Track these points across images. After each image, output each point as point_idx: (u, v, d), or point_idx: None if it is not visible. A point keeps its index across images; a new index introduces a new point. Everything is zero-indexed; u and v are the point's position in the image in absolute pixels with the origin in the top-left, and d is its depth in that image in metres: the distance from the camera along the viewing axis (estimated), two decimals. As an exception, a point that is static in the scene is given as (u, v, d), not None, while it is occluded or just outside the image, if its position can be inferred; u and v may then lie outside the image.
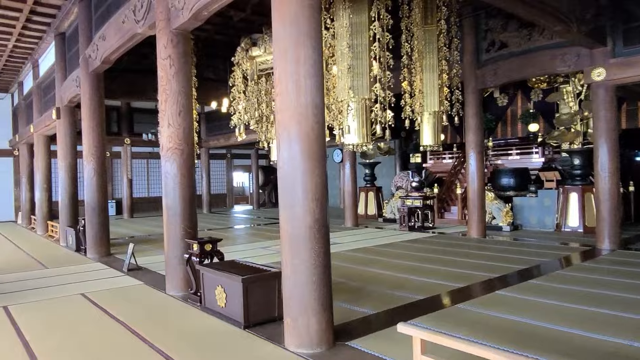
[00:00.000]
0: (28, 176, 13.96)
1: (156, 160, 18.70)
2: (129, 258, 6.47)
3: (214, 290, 4.11)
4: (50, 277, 6.18)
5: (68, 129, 9.52)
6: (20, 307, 4.67)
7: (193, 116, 5.17)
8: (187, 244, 4.83)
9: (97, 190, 7.76)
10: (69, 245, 8.94)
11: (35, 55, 11.74)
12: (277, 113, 3.33)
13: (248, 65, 8.07)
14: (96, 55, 7.27)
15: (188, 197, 5.03)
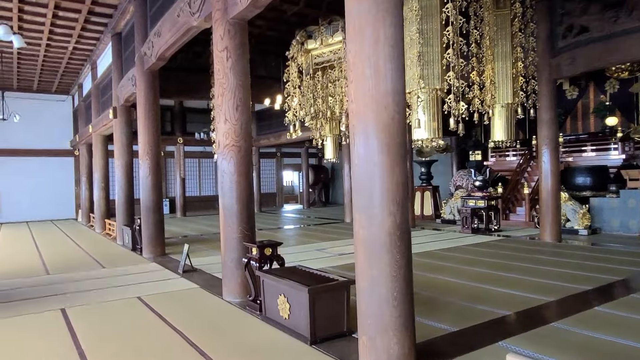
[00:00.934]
0: (87, 175, 14.36)
1: (208, 160, 18.87)
2: (184, 259, 6.29)
3: (276, 300, 3.76)
4: (107, 278, 6.08)
5: (124, 128, 9.57)
6: (77, 310, 4.53)
7: (250, 111, 4.87)
8: (246, 247, 4.52)
9: (152, 189, 7.67)
10: (126, 244, 8.97)
11: (93, 57, 11.98)
12: (350, 103, 2.91)
13: (303, 59, 7.73)
14: (151, 53, 7.16)
15: (245, 197, 4.73)
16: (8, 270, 6.77)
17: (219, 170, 4.82)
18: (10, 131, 15.44)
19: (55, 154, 16.50)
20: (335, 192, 21.95)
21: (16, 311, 4.56)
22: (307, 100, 7.55)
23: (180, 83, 10.33)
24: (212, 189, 19.24)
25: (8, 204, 15.75)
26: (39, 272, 6.57)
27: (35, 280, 6.05)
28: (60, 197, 16.54)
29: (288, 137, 16.13)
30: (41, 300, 4.95)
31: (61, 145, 16.61)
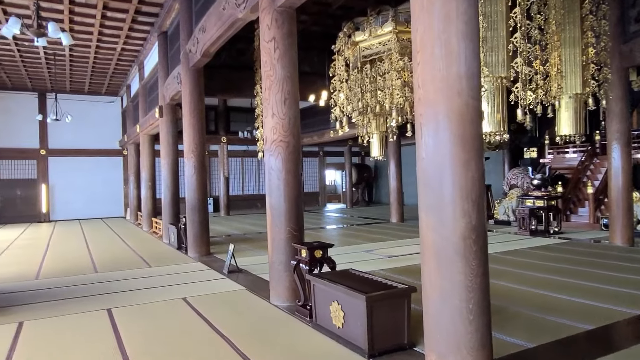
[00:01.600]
0: (135, 174, 14.64)
1: (251, 159, 18.89)
2: (229, 259, 6.12)
3: (329, 307, 3.47)
4: (153, 277, 6.00)
5: (170, 127, 9.59)
6: (123, 311, 4.41)
7: (299, 105, 4.61)
8: (294, 249, 4.26)
9: (197, 188, 7.58)
10: (171, 242, 8.96)
11: (140, 57, 12.14)
12: (417, 89, 2.57)
13: (350, 52, 7.42)
14: (196, 49, 7.05)
15: (294, 196, 4.47)
16: (59, 268, 6.84)
17: (265, 168, 4.59)
18: (63, 132, 15.99)
19: (105, 153, 16.97)
20: (379, 191, 21.49)
21: (63, 310, 4.50)
22: (354, 94, 7.22)
23: (224, 81, 10.26)
24: (254, 187, 19.27)
25: (62, 202, 16.32)
26: (87, 270, 6.60)
27: (84, 278, 6.05)
28: (110, 195, 17.00)
29: (332, 135, 15.85)
30: (88, 300, 4.89)
31: (111, 145, 17.06)
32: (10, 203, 15.82)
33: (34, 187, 16.06)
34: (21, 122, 15.68)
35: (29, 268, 6.89)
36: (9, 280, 6.01)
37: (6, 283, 5.82)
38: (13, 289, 5.49)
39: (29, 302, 4.86)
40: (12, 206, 15.83)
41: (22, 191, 15.94)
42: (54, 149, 16.21)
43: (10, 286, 5.64)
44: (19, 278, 6.18)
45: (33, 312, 4.48)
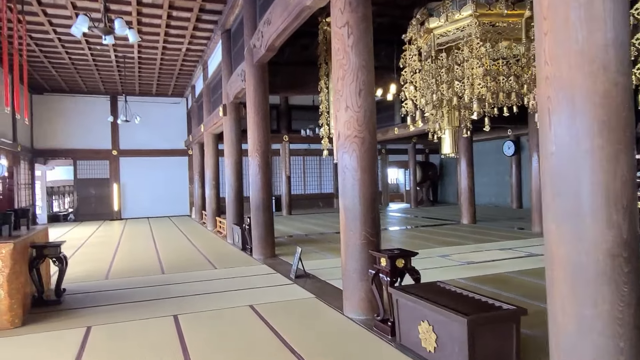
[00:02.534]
0: (200, 174, 14.84)
1: (312, 157, 18.67)
2: (296, 263, 5.79)
3: (417, 326, 3.01)
4: (218, 280, 5.80)
5: (233, 125, 9.47)
6: (189, 318, 4.18)
7: (374, 96, 4.18)
8: (372, 256, 3.83)
9: (261, 187, 7.35)
10: (236, 243, 8.83)
11: (204, 57, 12.20)
12: (543, 65, 2.05)
13: (423, 40, 6.86)
14: (260, 44, 6.80)
15: (369, 197, 4.03)
16: (128, 268, 6.85)
17: (339, 166, 4.19)
18: (133, 133, 16.57)
19: (171, 153, 17.40)
20: (445, 190, 20.54)
21: (130, 314, 4.35)
22: (428, 86, 6.66)
23: (287, 78, 10.00)
24: (316, 186, 19.03)
25: (132, 201, 16.93)
26: (155, 271, 6.53)
27: (152, 279, 5.96)
28: (176, 194, 17.42)
29: (396, 132, 15.23)
30: (155, 304, 4.73)
31: (176, 145, 17.47)
32: (86, 202, 16.62)
33: (106, 186, 16.77)
34: (95, 124, 16.41)
35: (100, 267, 6.95)
36: (81, 279, 6.04)
37: (78, 282, 5.85)
38: (84, 289, 5.48)
39: (98, 304, 4.78)
40: (87, 204, 16.62)
41: (96, 190, 16.70)
42: (125, 149, 16.84)
43: (82, 286, 5.65)
44: (90, 277, 6.22)
45: (101, 315, 4.37)
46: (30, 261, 4.65)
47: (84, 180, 16.64)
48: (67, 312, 4.51)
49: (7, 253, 4.03)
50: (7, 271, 4.02)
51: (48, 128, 15.99)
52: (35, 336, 3.84)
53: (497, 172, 17.08)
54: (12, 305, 4.05)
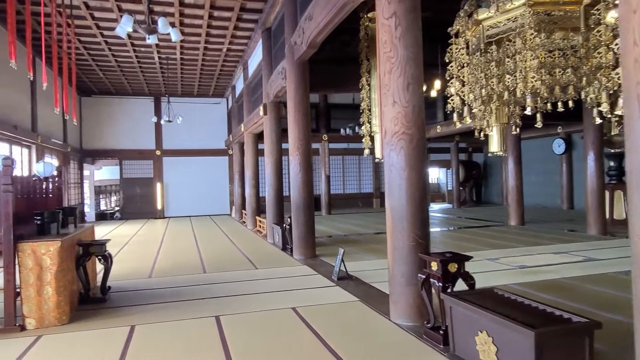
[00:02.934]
0: (240, 173, 14.95)
1: (352, 157, 18.48)
2: (338, 265, 5.63)
3: (473, 337, 2.78)
4: (260, 281, 5.72)
5: (273, 125, 9.43)
6: (231, 320, 4.10)
7: (423, 91, 3.96)
8: (421, 260, 3.61)
9: (302, 186, 7.24)
10: (276, 242, 8.77)
11: (245, 57, 12.25)
12: (630, 46, 1.79)
13: (472, 33, 6.55)
14: (302, 40, 6.68)
15: (418, 197, 3.81)
16: (171, 266, 6.90)
17: (385, 164, 3.99)
18: (175, 133, 16.92)
19: (212, 153, 17.64)
20: (489, 190, 19.85)
21: (173, 314, 4.32)
22: (476, 81, 6.34)
23: (327, 76, 9.86)
24: (355, 186, 18.82)
25: (174, 200, 17.29)
26: (196, 270, 6.54)
27: (193, 278, 5.96)
28: (216, 193, 17.66)
29: (438, 130, 14.79)
30: (197, 304, 4.69)
31: (217, 145, 17.70)
32: (131, 200, 17.10)
33: (150, 186, 17.20)
34: (140, 125, 16.85)
35: (144, 265, 7.04)
36: (126, 277, 6.12)
37: (123, 280, 5.92)
38: (129, 287, 5.53)
39: (142, 303, 4.79)
40: (133, 203, 17.09)
41: (140, 189, 17.15)
42: (168, 149, 17.21)
43: (126, 284, 5.71)
44: (134, 275, 6.29)
45: (145, 314, 4.36)
46: (77, 259, 4.71)
47: (129, 179, 17.13)
48: (112, 310, 4.54)
49: (55, 251, 4.07)
50: (55, 269, 4.06)
51: (96, 129, 16.55)
52: (81, 334, 3.85)
53: (546, 171, 16.32)
54: (60, 303, 4.10)
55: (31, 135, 10.67)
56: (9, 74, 9.30)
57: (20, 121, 10.07)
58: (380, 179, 19.07)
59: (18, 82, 9.93)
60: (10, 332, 3.88)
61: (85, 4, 8.55)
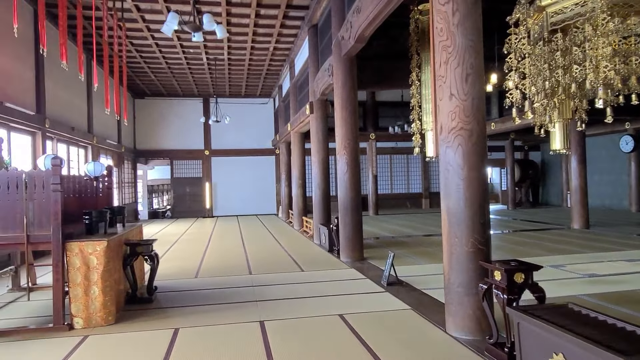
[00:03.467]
0: (286, 173, 14.90)
1: (399, 156, 18.03)
2: (388, 269, 5.35)
3: (547, 358, 2.43)
4: (306, 284, 5.53)
5: (320, 123, 9.24)
6: (276, 326, 3.93)
7: (484, 83, 3.61)
8: (483, 268, 3.28)
9: (350, 186, 6.99)
10: (322, 244, 8.57)
11: (291, 55, 12.15)
12: None
13: (534, 20, 6.06)
14: (349, 35, 6.44)
15: (478, 199, 3.48)
16: (217, 267, 6.86)
17: (441, 163, 3.68)
18: (223, 134, 17.16)
19: (259, 153, 17.74)
20: (547, 191, 18.77)
21: (218, 318, 4.20)
22: (539, 72, 5.85)
23: (375, 72, 9.58)
24: (403, 186, 18.35)
25: (222, 199, 17.53)
26: (242, 271, 6.45)
27: (239, 279, 5.86)
28: (263, 193, 17.74)
29: (493, 127, 14.12)
30: (242, 307, 4.55)
31: (264, 144, 17.77)
32: (181, 199, 17.49)
33: (199, 185, 17.52)
34: (189, 126, 17.20)
35: (191, 264, 7.04)
36: (173, 277, 6.11)
37: (170, 280, 5.92)
38: (175, 287, 5.50)
39: (187, 304, 4.72)
40: (182, 202, 17.48)
41: (190, 188, 17.51)
42: (216, 149, 17.46)
43: (173, 284, 5.69)
44: (181, 274, 6.28)
45: (189, 317, 4.27)
46: (124, 258, 4.70)
47: (180, 179, 17.53)
48: (157, 312, 4.48)
49: (102, 251, 4.05)
50: (102, 268, 4.04)
51: (148, 130, 17.06)
52: (125, 335, 3.80)
53: (612, 170, 15.19)
54: (106, 303, 4.08)
55: (87, 136, 11.07)
56: (66, 77, 9.66)
57: (77, 123, 10.45)
58: (429, 178, 18.50)
59: (75, 85, 10.30)
60: (59, 330, 3.89)
61: (136, 7, 8.71)
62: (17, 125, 7.55)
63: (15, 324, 4.12)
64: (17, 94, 7.62)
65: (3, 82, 7.18)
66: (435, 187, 18.64)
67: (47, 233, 3.94)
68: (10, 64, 7.47)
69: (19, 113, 7.46)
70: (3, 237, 3.91)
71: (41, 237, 3.96)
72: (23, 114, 7.60)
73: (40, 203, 3.98)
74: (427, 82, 8.36)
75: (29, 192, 3.94)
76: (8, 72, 7.38)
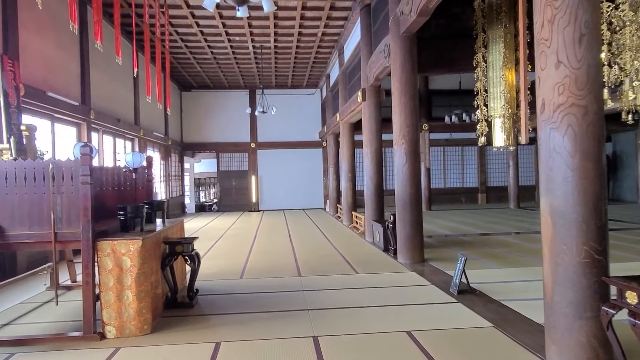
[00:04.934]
0: (334, 165, 14.29)
1: (453, 148, 17.01)
2: (459, 275, 4.61)
3: None
4: (363, 290, 4.89)
5: (373, 112, 8.54)
6: (332, 343, 3.32)
7: (600, 47, 2.83)
8: (604, 285, 2.52)
9: (409, 180, 6.28)
10: (376, 242, 7.90)
11: (340, 41, 11.48)
12: None
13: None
14: (410, 8, 5.70)
15: (594, 195, 2.70)
16: (263, 266, 6.35)
17: (542, 149, 2.92)
18: (269, 126, 16.78)
19: (305, 145, 17.22)
20: (619, 185, 17.11)
21: (265, 330, 3.65)
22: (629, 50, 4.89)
23: (433, 54, 8.73)
24: (457, 180, 17.29)
25: (268, 193, 17.17)
26: (291, 272, 5.90)
27: (287, 282, 5.31)
28: (310, 187, 17.23)
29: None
30: (292, 317, 3.98)
31: (311, 137, 17.23)
32: (227, 193, 17.29)
33: (245, 178, 17.24)
34: (235, 118, 16.93)
35: (236, 263, 6.57)
36: (217, 276, 5.65)
37: (213, 280, 5.46)
38: (218, 289, 5.02)
39: (230, 312, 4.21)
40: (228, 196, 17.28)
41: (236, 182, 17.27)
42: (262, 142, 17.10)
43: (216, 285, 5.21)
44: (225, 274, 5.81)
45: (232, 328, 3.74)
46: (162, 258, 4.24)
47: (226, 172, 17.32)
48: (198, 319, 3.99)
49: (136, 251, 3.59)
50: (136, 271, 3.58)
51: (194, 123, 16.93)
52: (161, 349, 3.32)
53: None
54: (141, 310, 3.61)
55: (134, 128, 10.90)
56: (111, 68, 9.45)
57: (123, 114, 10.27)
58: (486, 172, 17.34)
59: (121, 76, 10.11)
60: (89, 340, 3.46)
61: (180, -8, 8.33)
62: (62, 116, 7.35)
63: (44, 330, 3.75)
64: (61, 84, 7.41)
65: (46, 71, 6.97)
66: (492, 181, 17.45)
67: (77, 230, 3.51)
68: (54, 53, 7.25)
69: (63, 103, 7.24)
70: (28, 234, 3.51)
71: (69, 234, 3.54)
72: (67, 105, 7.38)
73: (69, 197, 3.56)
74: (495, 63, 7.46)
75: (57, 185, 3.52)
76: (52, 62, 7.17)
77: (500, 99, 7.44)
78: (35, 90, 6.40)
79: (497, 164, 17.46)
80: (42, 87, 6.72)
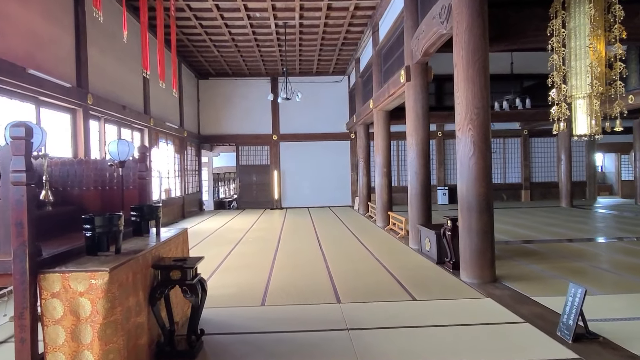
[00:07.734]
0: (364, 159, 12.89)
1: (495, 140, 15.40)
2: (575, 315, 3.21)
3: None
4: (429, 330, 3.53)
5: (419, 93, 7.12)
6: None
7: None
8: None
9: (478, 177, 4.87)
10: (424, 250, 6.52)
11: (374, 18, 10.06)
12: None
13: None
14: (487, -52, 4.27)
15: None
16: (291, 285, 5.03)
17: None
18: (292, 117, 15.53)
19: (331, 137, 15.86)
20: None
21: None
22: None
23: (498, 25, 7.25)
24: (499, 175, 15.71)
25: (291, 189, 15.89)
26: (326, 296, 4.56)
27: (324, 313, 3.98)
28: (336, 182, 15.89)
29: (630, 102, 11.12)
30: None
31: (337, 128, 15.86)
32: (247, 189, 16.08)
33: (267, 173, 16.00)
34: (256, 108, 15.70)
35: (256, 281, 5.28)
36: (231, 301, 4.37)
37: (226, 307, 4.18)
38: (231, 324, 3.73)
39: (247, 368, 2.91)
40: (249, 192, 16.07)
41: (257, 177, 16.04)
42: (285, 134, 15.80)
43: (230, 316, 3.92)
44: (242, 298, 4.51)
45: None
46: (151, 290, 2.97)
47: (246, 166, 16.11)
48: (199, 384, 2.71)
49: (101, 288, 2.31)
50: (101, 320, 2.30)
51: (212, 113, 15.75)
52: None
53: None
54: (110, 378, 2.34)
55: (143, 117, 9.71)
56: (115, 47, 8.26)
57: (129, 101, 9.09)
58: (530, 166, 15.69)
59: (127, 58, 8.91)
60: None
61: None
62: (49, 99, 6.17)
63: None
64: (49, 62, 6.23)
65: (29, 44, 5.78)
66: (537, 177, 15.81)
67: (6, 259, 2.25)
68: (40, 24, 6.06)
69: (51, 84, 6.05)
70: None
71: (-5, 265, 2.28)
72: (56, 86, 6.19)
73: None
74: (579, 28, 5.97)
75: (-25, 186, 2.27)
76: (37, 34, 5.98)
77: (587, 75, 5.96)
78: (11, 65, 5.21)
79: (542, 158, 15.81)
80: (23, 62, 5.53)
